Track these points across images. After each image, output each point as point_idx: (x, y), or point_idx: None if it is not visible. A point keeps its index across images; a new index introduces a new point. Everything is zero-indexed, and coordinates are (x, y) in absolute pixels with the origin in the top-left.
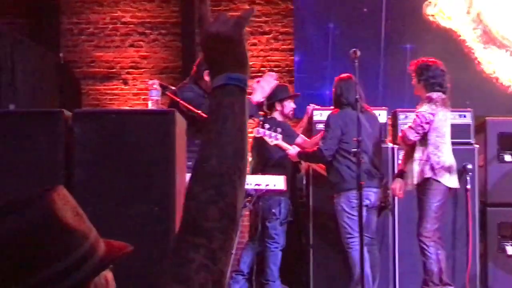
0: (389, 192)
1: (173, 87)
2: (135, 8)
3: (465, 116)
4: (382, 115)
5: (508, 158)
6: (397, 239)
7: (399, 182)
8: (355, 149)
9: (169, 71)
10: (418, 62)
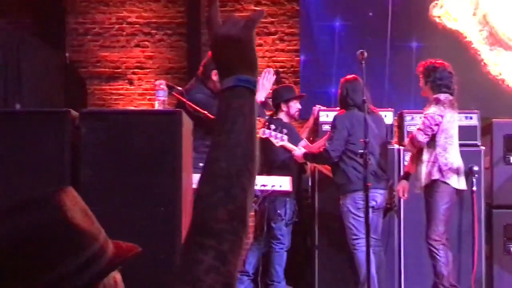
0: (395, 193)
1: (179, 88)
2: (141, 8)
3: (472, 118)
4: (388, 117)
5: None
6: (403, 241)
7: (405, 184)
8: (362, 151)
9: (174, 72)
10: (425, 63)
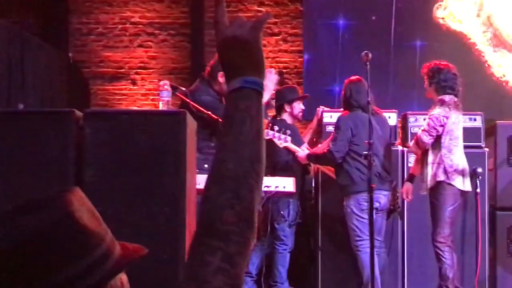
0: (398, 195)
1: (183, 88)
2: (144, 8)
3: (475, 119)
4: (392, 118)
5: None
6: (406, 242)
7: (409, 186)
8: (367, 152)
9: (177, 72)
10: (430, 65)
